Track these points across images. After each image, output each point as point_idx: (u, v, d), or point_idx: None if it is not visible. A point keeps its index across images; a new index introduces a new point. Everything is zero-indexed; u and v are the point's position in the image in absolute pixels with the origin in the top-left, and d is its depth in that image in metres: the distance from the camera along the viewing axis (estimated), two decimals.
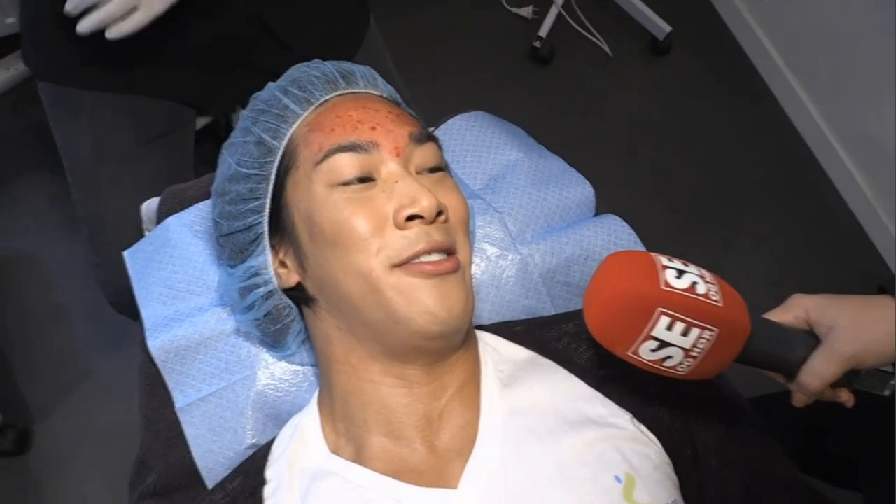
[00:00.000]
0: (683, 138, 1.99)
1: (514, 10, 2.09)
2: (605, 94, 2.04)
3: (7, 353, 1.56)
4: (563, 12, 2.05)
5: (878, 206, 1.85)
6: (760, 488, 0.72)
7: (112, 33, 0.86)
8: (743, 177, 1.96)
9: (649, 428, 0.66)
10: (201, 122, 1.20)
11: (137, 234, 0.89)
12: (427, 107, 1.00)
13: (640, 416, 0.67)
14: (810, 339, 0.62)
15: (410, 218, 0.62)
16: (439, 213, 0.64)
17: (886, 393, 0.63)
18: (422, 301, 0.61)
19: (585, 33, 2.07)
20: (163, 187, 0.90)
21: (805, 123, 2.01)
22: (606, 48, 2.06)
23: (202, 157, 1.12)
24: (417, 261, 0.62)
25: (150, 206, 0.90)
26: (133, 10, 0.86)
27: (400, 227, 0.62)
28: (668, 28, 2.03)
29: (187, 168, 1.12)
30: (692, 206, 1.90)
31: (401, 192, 0.63)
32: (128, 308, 1.08)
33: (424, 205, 0.61)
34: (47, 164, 1.29)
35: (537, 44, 2.00)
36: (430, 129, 0.95)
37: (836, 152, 1.93)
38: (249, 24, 1.01)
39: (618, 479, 0.61)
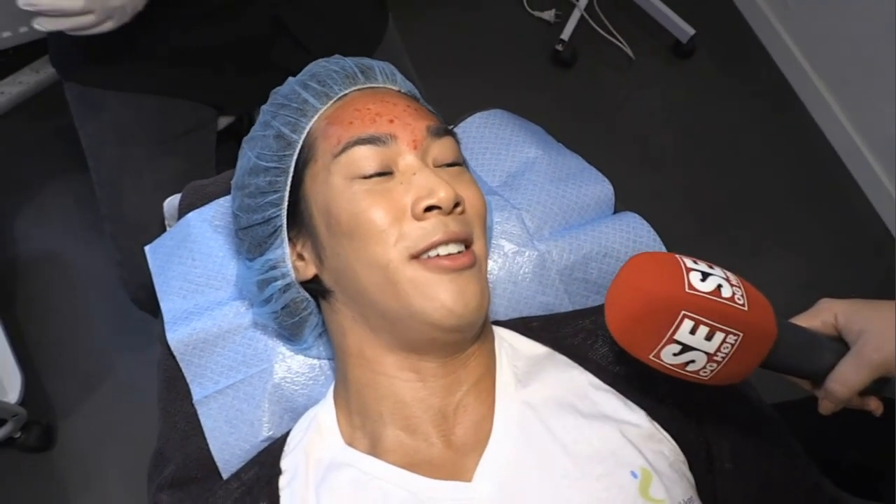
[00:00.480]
0: (708, 142, 1.98)
1: (536, 13, 2.09)
2: (628, 97, 2.03)
3: (33, 351, 1.58)
4: (586, 15, 2.05)
5: None
6: (776, 494, 0.71)
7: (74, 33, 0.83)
8: (769, 182, 1.94)
9: (663, 426, 0.66)
10: (224, 121, 1.21)
11: (159, 232, 0.90)
12: (448, 109, 0.99)
13: (654, 413, 0.66)
14: (839, 345, 0.60)
15: (428, 209, 0.62)
16: (456, 205, 0.64)
17: None
18: (437, 296, 0.61)
19: (608, 36, 2.06)
20: (182, 184, 0.91)
21: (832, 127, 1.98)
22: (629, 51, 2.05)
23: (225, 156, 1.13)
24: (435, 253, 0.62)
25: (171, 202, 0.92)
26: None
27: (417, 218, 0.62)
28: (691, 31, 2.02)
29: (209, 167, 1.13)
30: (717, 211, 1.88)
31: (418, 184, 0.63)
32: (149, 305, 1.09)
33: (442, 195, 0.62)
34: (74, 167, 1.31)
35: (559, 47, 2.00)
36: (451, 126, 0.96)
37: (863, 157, 1.91)
38: (268, 25, 1.01)
39: (634, 474, 0.60)
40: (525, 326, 0.74)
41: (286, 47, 1.05)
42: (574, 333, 0.73)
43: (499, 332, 0.73)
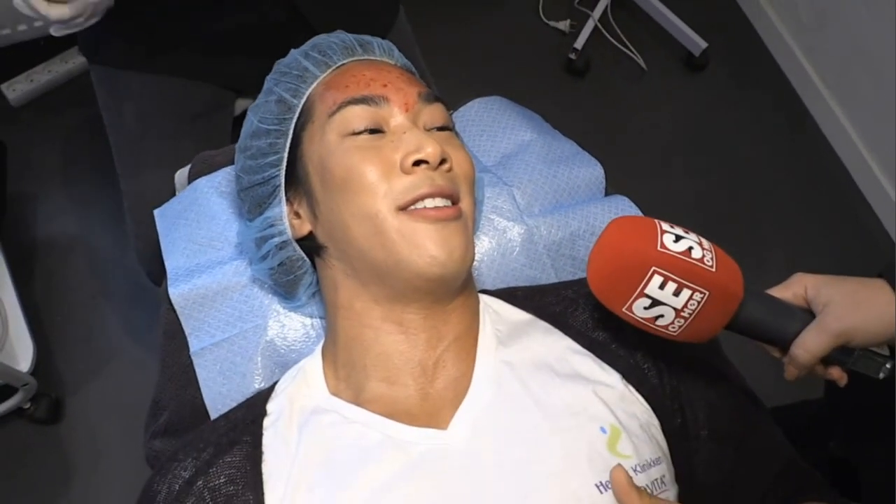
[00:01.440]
0: (718, 155, 2.00)
1: (551, 22, 2.13)
2: (640, 108, 2.06)
3: (47, 327, 1.63)
4: (600, 26, 2.09)
5: None
6: (750, 463, 0.73)
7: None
8: (778, 196, 1.95)
9: (637, 389, 0.68)
10: (242, 105, 1.25)
11: None
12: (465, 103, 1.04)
13: (629, 376, 0.68)
14: (806, 314, 0.64)
15: (416, 164, 0.66)
16: (443, 161, 0.67)
17: (881, 376, 0.64)
18: (423, 244, 0.64)
19: (621, 47, 2.10)
20: None
21: (841, 142, 1.99)
22: (642, 62, 2.08)
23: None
24: (421, 205, 0.65)
25: (182, 173, 0.96)
26: None
27: (406, 172, 0.65)
28: (704, 44, 2.05)
29: (227, 140, 1.17)
30: (725, 224, 1.89)
31: (408, 141, 0.67)
32: (162, 278, 1.13)
33: (429, 151, 0.65)
34: (98, 155, 1.36)
35: (573, 56, 2.03)
36: (450, 111, 0.99)
37: (872, 172, 1.91)
38: (283, 11, 1.06)
39: (603, 430, 0.63)
40: (510, 295, 0.77)
41: (300, 33, 1.09)
42: (557, 302, 0.75)
43: (485, 298, 0.76)
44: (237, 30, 1.07)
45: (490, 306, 0.75)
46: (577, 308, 0.74)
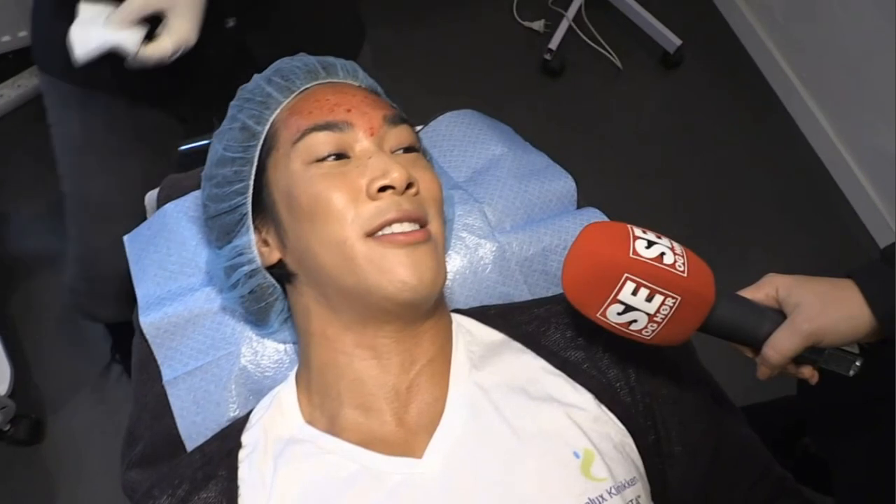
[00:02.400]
0: (694, 152, 2.01)
1: (525, 23, 2.13)
2: (616, 107, 2.06)
3: (25, 347, 1.61)
4: (574, 25, 2.09)
5: (891, 220, 1.84)
6: (725, 476, 0.73)
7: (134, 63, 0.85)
8: (755, 191, 1.96)
9: (610, 409, 0.68)
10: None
11: (116, 215, 0.96)
12: (435, 116, 1.02)
13: (601, 396, 0.69)
14: (777, 315, 0.65)
15: (382, 190, 0.65)
16: (410, 186, 0.67)
17: (850, 373, 0.65)
18: (392, 269, 0.64)
19: (596, 46, 2.10)
20: (150, 182, 0.96)
21: (817, 138, 2.01)
22: (617, 61, 2.09)
23: None
24: (389, 230, 0.65)
25: (151, 195, 0.95)
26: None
27: (372, 198, 0.65)
28: (678, 42, 2.05)
29: (173, 165, 1.16)
30: (704, 221, 1.90)
31: (373, 166, 0.66)
32: (86, 299, 1.14)
33: (395, 176, 0.65)
34: None
35: (548, 56, 2.04)
36: (420, 126, 0.99)
37: (848, 166, 1.93)
38: (235, 51, 1.05)
39: (576, 454, 0.63)
40: (483, 314, 0.77)
41: (248, 74, 1.09)
42: (529, 321, 0.76)
43: (457, 318, 0.76)
44: (186, 62, 1.07)
45: (463, 326, 0.75)
46: (549, 327, 0.74)
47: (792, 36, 2.03)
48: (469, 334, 0.74)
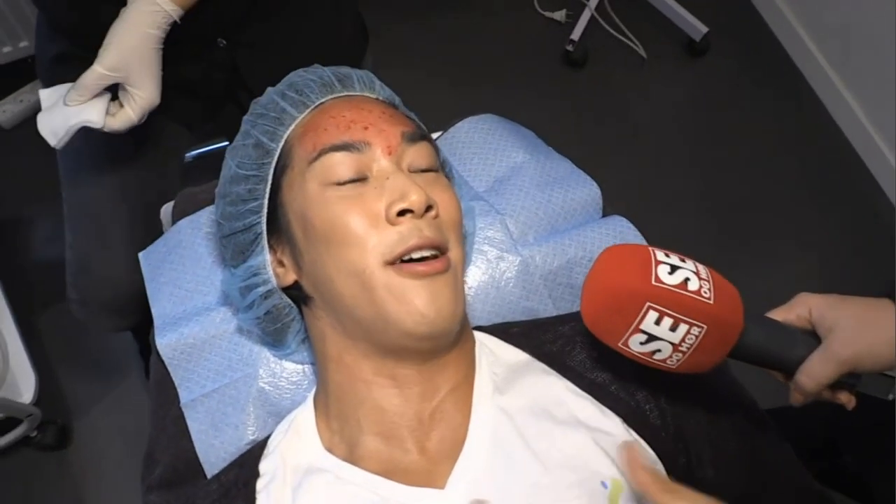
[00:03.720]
0: (722, 143, 1.96)
1: (546, 13, 2.09)
2: (640, 97, 2.01)
3: (50, 352, 1.62)
4: (597, 15, 2.04)
5: None
6: (761, 498, 0.70)
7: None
8: (786, 182, 1.91)
9: (639, 433, 0.66)
10: None
11: (110, 223, 0.99)
12: (456, 109, 0.99)
13: (630, 420, 0.66)
14: (810, 339, 0.61)
15: (402, 214, 0.63)
16: (429, 208, 0.64)
17: (890, 397, 0.61)
18: (411, 301, 0.61)
19: (619, 36, 2.05)
20: (146, 191, 0.98)
21: (849, 124, 1.94)
22: (641, 51, 2.04)
23: None
24: (409, 259, 0.62)
25: (166, 209, 0.94)
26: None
27: (392, 223, 0.63)
28: (704, 29, 1.99)
29: (173, 178, 1.16)
30: (733, 213, 1.85)
31: (391, 188, 0.64)
32: (78, 307, 1.13)
33: (414, 199, 0.62)
34: None
35: (570, 47, 1.99)
36: (439, 133, 0.96)
37: (882, 155, 1.87)
38: (225, 73, 1.05)
39: (604, 484, 0.61)
40: (506, 332, 0.75)
41: (240, 91, 1.09)
42: (553, 340, 0.73)
43: (480, 337, 0.73)
44: (179, 78, 1.06)
45: (486, 346, 0.72)
46: (574, 347, 0.72)
47: (823, 20, 1.96)
48: (492, 355, 0.72)
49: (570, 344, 0.72)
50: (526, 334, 0.74)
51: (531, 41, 2.07)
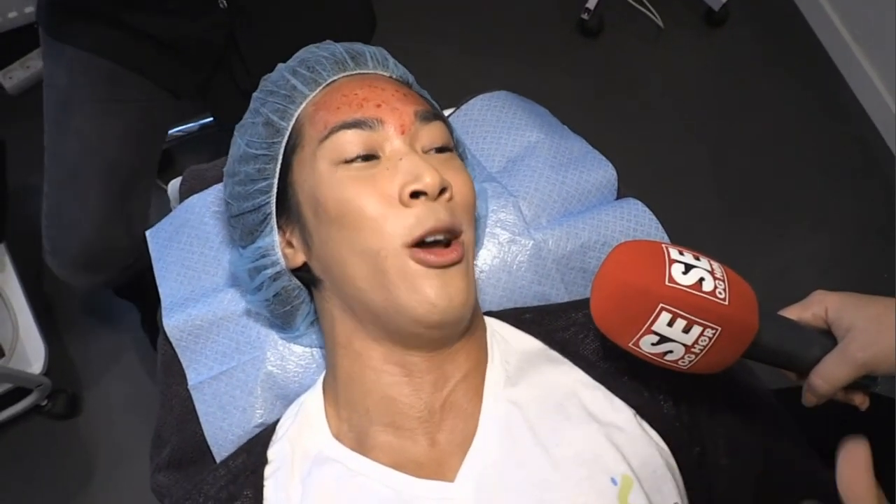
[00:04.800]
0: (739, 115, 1.92)
1: None
2: (657, 68, 1.97)
3: (60, 321, 1.63)
4: None
5: None
6: (775, 485, 0.70)
7: None
8: (802, 157, 1.87)
9: (652, 425, 0.65)
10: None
11: (85, 175, 1.00)
12: (470, 79, 0.96)
13: (643, 411, 0.65)
14: (826, 339, 0.59)
15: (415, 195, 0.61)
16: (443, 191, 0.63)
17: None
18: (422, 290, 0.60)
19: (636, 4, 2.00)
20: (125, 148, 0.98)
21: (871, 100, 1.90)
22: (658, 20, 1.99)
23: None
24: (424, 245, 0.61)
25: (174, 185, 0.92)
26: None
27: (406, 205, 0.61)
28: None
29: (156, 142, 1.17)
30: (747, 187, 1.83)
31: (405, 169, 0.62)
32: (51, 258, 1.12)
33: (428, 181, 0.61)
34: None
35: (585, 16, 1.95)
36: (451, 110, 0.94)
37: None
38: (222, 37, 1.04)
39: (614, 481, 0.60)
40: (517, 318, 0.73)
41: (234, 61, 1.08)
42: (566, 327, 0.72)
43: (491, 323, 0.72)
44: (172, 37, 1.06)
45: (498, 333, 0.71)
46: (587, 335, 0.70)
47: None
48: (504, 342, 0.70)
49: (583, 331, 0.71)
50: (538, 321, 0.73)
51: (545, 9, 2.03)
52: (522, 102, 0.94)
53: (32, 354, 1.41)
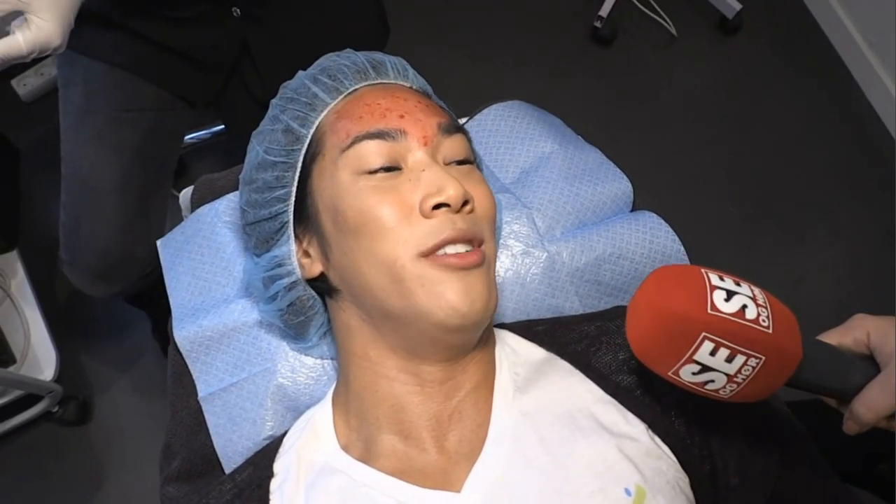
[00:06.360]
0: (754, 124, 1.90)
1: None
2: (670, 76, 1.96)
3: (71, 328, 1.63)
4: None
5: None
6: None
7: None
8: (818, 165, 1.85)
9: (664, 440, 0.64)
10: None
11: (102, 186, 1.01)
12: (482, 89, 0.95)
13: (655, 426, 0.64)
14: (869, 365, 0.57)
15: (437, 207, 0.61)
16: (465, 203, 0.62)
17: None
18: (444, 294, 0.59)
19: (649, 12, 1.99)
20: (141, 157, 0.98)
21: (887, 108, 1.88)
22: (671, 28, 1.98)
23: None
24: (443, 252, 0.60)
25: (185, 194, 0.92)
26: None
27: (426, 216, 0.61)
28: (738, 5, 1.93)
29: (172, 151, 1.16)
30: (763, 196, 1.81)
31: (427, 181, 0.62)
32: (69, 269, 1.12)
33: (451, 193, 0.60)
34: None
35: (598, 23, 1.94)
36: (465, 119, 0.93)
37: None
38: (237, 45, 1.04)
39: (627, 491, 0.59)
40: (529, 330, 0.73)
41: (247, 69, 1.08)
42: (578, 339, 0.71)
43: (501, 334, 0.72)
44: (185, 46, 1.05)
45: (508, 345, 0.71)
46: (600, 347, 0.70)
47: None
48: (514, 353, 0.70)
49: (595, 344, 0.70)
50: (550, 333, 0.72)
51: (557, 17, 2.02)
52: (536, 112, 0.93)
53: (44, 361, 1.42)
